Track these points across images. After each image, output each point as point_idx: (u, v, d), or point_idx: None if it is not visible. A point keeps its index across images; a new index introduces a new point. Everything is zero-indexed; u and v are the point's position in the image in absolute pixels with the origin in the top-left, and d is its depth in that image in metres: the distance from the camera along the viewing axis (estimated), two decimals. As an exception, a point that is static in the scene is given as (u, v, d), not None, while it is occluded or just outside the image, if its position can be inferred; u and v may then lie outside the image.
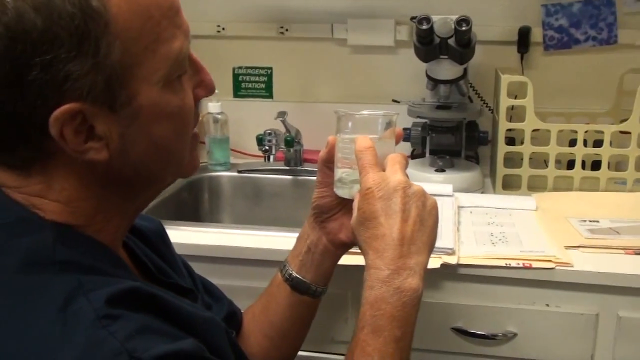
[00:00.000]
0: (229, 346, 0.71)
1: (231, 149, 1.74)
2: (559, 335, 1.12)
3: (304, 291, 0.95)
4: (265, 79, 1.82)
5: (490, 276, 1.11)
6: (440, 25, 1.41)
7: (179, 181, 1.54)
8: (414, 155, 1.65)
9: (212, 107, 1.68)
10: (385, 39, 1.70)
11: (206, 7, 1.77)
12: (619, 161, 1.50)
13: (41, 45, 0.56)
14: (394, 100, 1.71)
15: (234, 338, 0.80)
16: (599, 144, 1.44)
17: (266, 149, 1.67)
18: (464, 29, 1.39)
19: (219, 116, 1.69)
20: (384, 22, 1.69)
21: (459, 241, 1.17)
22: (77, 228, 0.65)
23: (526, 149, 1.44)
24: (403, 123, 1.33)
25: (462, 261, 1.11)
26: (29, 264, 0.60)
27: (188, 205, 1.66)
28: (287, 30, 1.76)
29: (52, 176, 0.63)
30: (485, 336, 1.13)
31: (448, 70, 1.50)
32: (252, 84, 1.82)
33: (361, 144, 0.81)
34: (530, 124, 1.42)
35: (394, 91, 1.72)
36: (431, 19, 1.41)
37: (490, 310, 1.13)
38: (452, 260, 1.10)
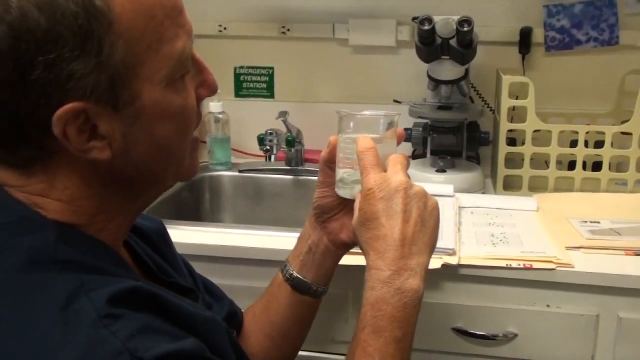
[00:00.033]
0: (230, 346, 0.71)
1: (232, 148, 1.75)
2: (559, 336, 1.12)
3: (304, 291, 0.95)
4: (266, 78, 1.82)
5: (491, 277, 1.11)
6: (442, 25, 1.41)
7: (180, 180, 1.54)
8: (415, 156, 1.65)
9: (214, 106, 1.68)
10: (387, 39, 1.70)
11: (208, 7, 1.77)
12: (619, 162, 1.50)
13: (45, 44, 0.56)
14: (395, 101, 1.71)
15: (234, 338, 0.80)
16: (600, 144, 1.44)
17: (267, 148, 1.67)
18: (465, 29, 1.39)
19: (220, 116, 1.70)
20: (385, 22, 1.69)
21: (459, 241, 1.17)
22: (78, 227, 0.65)
23: (527, 150, 1.44)
24: (404, 123, 1.33)
25: (462, 261, 1.11)
26: (30, 263, 0.60)
27: (189, 204, 1.66)
28: (288, 30, 1.76)
29: (54, 175, 0.63)
30: (486, 337, 1.13)
31: (449, 70, 1.50)
32: (253, 83, 1.82)
33: (363, 145, 0.81)
34: (531, 124, 1.42)
35: (395, 91, 1.72)
36: (433, 19, 1.41)
37: (490, 310, 1.13)
38: (452, 260, 1.10)
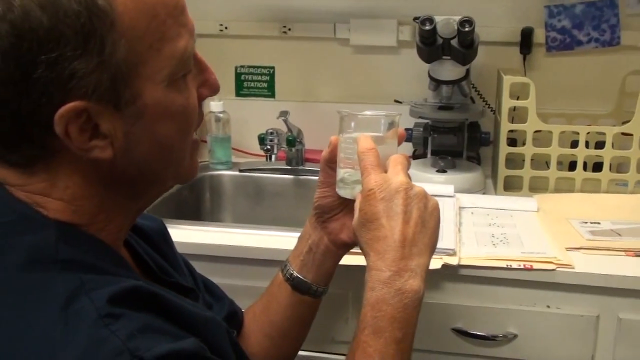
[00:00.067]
0: (230, 346, 0.71)
1: (233, 148, 1.74)
2: (559, 337, 1.12)
3: (304, 291, 0.95)
4: (267, 78, 1.82)
5: (491, 277, 1.11)
6: (443, 25, 1.41)
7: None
8: (416, 156, 1.65)
9: (214, 106, 1.68)
10: (388, 39, 1.70)
11: (209, 6, 1.77)
12: (620, 163, 1.50)
13: (47, 43, 0.56)
14: (396, 101, 1.71)
15: (234, 338, 0.80)
16: (600, 145, 1.43)
17: (268, 148, 1.67)
18: (467, 29, 1.39)
19: (221, 115, 1.70)
20: (386, 22, 1.69)
21: (460, 242, 1.17)
22: (79, 227, 0.65)
23: (528, 150, 1.44)
24: (405, 123, 1.33)
25: (463, 262, 1.11)
26: (31, 262, 0.60)
27: (189, 204, 1.66)
28: (289, 29, 1.75)
29: (55, 174, 0.63)
30: (486, 337, 1.13)
31: (450, 70, 1.50)
32: (254, 83, 1.82)
33: (363, 145, 0.81)
34: (532, 125, 1.42)
35: (396, 91, 1.72)
36: (434, 19, 1.41)
37: (490, 311, 1.13)
38: (453, 261, 1.10)
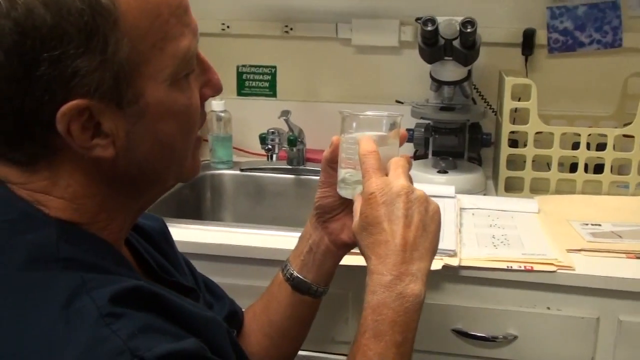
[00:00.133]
0: (230, 346, 0.71)
1: (234, 147, 1.74)
2: (559, 339, 1.12)
3: (304, 291, 0.95)
4: (269, 77, 1.82)
5: (492, 278, 1.11)
6: (445, 26, 1.41)
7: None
8: (417, 157, 1.64)
9: (216, 105, 1.68)
10: (390, 39, 1.70)
11: (211, 5, 1.77)
12: (621, 165, 1.49)
13: (50, 41, 0.56)
14: (398, 101, 1.71)
15: (235, 338, 0.80)
16: (602, 147, 1.43)
17: (269, 147, 1.66)
18: (469, 30, 1.39)
19: (222, 114, 1.70)
20: (388, 22, 1.69)
21: (460, 243, 1.17)
22: (81, 225, 0.65)
23: (529, 152, 1.44)
24: (406, 124, 1.33)
25: (463, 263, 1.11)
26: (32, 260, 0.60)
27: (190, 203, 1.66)
28: (291, 29, 1.75)
29: (57, 173, 0.63)
30: (486, 338, 1.13)
31: (452, 71, 1.50)
32: (255, 82, 1.82)
33: (365, 148, 0.81)
34: (533, 126, 1.42)
35: (397, 92, 1.72)
36: (436, 20, 1.41)
37: (491, 312, 1.13)
38: (453, 262, 1.10)
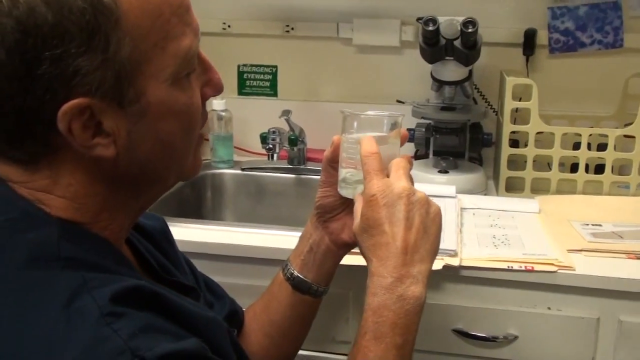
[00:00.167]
0: (231, 346, 0.71)
1: (235, 146, 1.75)
2: (559, 339, 1.12)
3: (305, 291, 0.95)
4: (270, 77, 1.82)
5: (492, 278, 1.11)
6: (447, 26, 1.41)
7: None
8: (418, 156, 1.64)
9: (217, 104, 1.68)
10: (391, 39, 1.70)
11: (212, 5, 1.77)
12: (622, 165, 1.49)
13: (51, 39, 0.56)
14: (399, 101, 1.71)
15: (235, 338, 0.80)
16: (602, 147, 1.43)
17: (270, 147, 1.67)
18: (470, 30, 1.39)
19: (223, 113, 1.70)
20: (389, 22, 1.69)
21: (461, 243, 1.17)
22: (82, 225, 0.65)
23: (530, 152, 1.44)
24: (407, 124, 1.31)
25: (464, 263, 1.11)
26: (33, 259, 0.60)
27: (191, 202, 1.66)
28: (292, 28, 1.75)
29: (58, 172, 0.63)
30: (486, 338, 1.13)
31: (453, 71, 1.50)
32: (256, 82, 1.82)
33: (366, 149, 0.81)
34: (534, 126, 1.42)
35: (398, 92, 1.72)
36: (437, 20, 1.41)
37: (491, 312, 1.13)
38: (454, 262, 1.10)
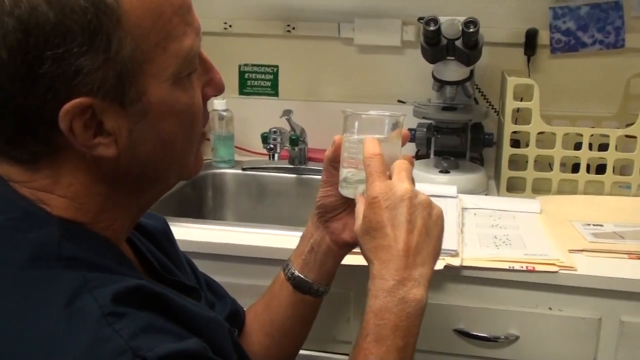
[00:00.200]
0: (232, 346, 0.71)
1: (236, 146, 1.75)
2: (561, 339, 1.11)
3: (306, 290, 0.95)
4: (271, 77, 1.82)
5: (493, 279, 1.11)
6: (448, 26, 1.41)
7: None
8: (419, 156, 1.64)
9: (218, 104, 1.68)
10: (392, 39, 1.70)
11: (213, 4, 1.77)
12: (624, 165, 1.49)
13: (53, 39, 0.56)
14: (400, 101, 1.71)
15: (236, 338, 0.80)
16: (604, 147, 1.43)
17: (271, 147, 1.67)
18: (471, 30, 1.39)
19: (224, 113, 1.70)
20: (391, 22, 1.69)
21: (462, 243, 1.17)
22: (83, 224, 0.65)
23: (531, 152, 1.44)
24: (408, 124, 1.31)
25: (465, 263, 1.10)
26: (34, 259, 0.60)
27: (192, 202, 1.66)
28: (293, 28, 1.75)
29: (59, 171, 0.63)
30: (487, 338, 1.13)
31: (454, 71, 1.50)
32: (257, 81, 1.82)
33: (369, 151, 0.81)
34: (535, 126, 1.42)
35: (399, 91, 1.72)
36: (439, 20, 1.40)
37: (492, 312, 1.13)
38: (455, 262, 1.10)
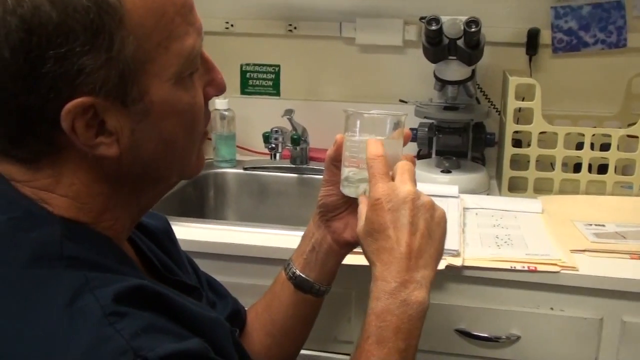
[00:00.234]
0: (233, 346, 0.71)
1: (237, 146, 1.75)
2: (562, 339, 1.11)
3: (307, 290, 0.95)
4: (272, 76, 1.82)
5: (495, 279, 1.11)
6: (450, 26, 1.40)
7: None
8: (420, 156, 1.64)
9: (219, 103, 1.69)
10: (394, 38, 1.70)
11: (215, 4, 1.77)
12: (625, 165, 1.49)
13: (56, 38, 0.56)
14: (401, 101, 1.71)
15: (237, 338, 0.80)
16: (606, 147, 1.43)
17: (272, 146, 1.67)
18: (473, 30, 1.39)
19: (225, 113, 1.70)
20: (392, 21, 1.69)
21: (464, 243, 1.17)
22: (85, 224, 0.65)
23: (533, 152, 1.43)
24: (410, 123, 1.32)
25: (467, 263, 1.10)
26: (36, 258, 0.60)
27: (193, 201, 1.66)
28: (295, 28, 1.75)
29: (61, 171, 0.63)
30: (489, 338, 1.13)
31: (456, 71, 1.50)
32: (259, 81, 1.82)
33: (372, 152, 0.81)
34: (537, 126, 1.41)
35: (401, 91, 1.72)
36: (440, 19, 1.40)
37: (494, 312, 1.13)
38: (457, 262, 1.10)
